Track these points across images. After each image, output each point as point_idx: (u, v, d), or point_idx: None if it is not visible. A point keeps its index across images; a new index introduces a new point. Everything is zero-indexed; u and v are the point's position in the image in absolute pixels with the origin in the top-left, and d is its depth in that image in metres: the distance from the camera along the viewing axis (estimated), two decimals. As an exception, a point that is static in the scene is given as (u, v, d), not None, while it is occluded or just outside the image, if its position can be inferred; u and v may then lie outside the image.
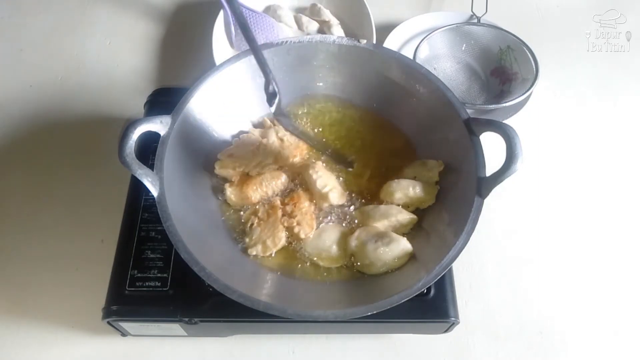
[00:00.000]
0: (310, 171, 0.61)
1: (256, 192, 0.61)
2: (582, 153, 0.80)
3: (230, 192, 0.61)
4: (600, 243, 0.72)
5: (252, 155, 0.62)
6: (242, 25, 0.53)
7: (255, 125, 0.67)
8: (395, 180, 0.61)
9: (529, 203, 0.75)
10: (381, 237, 0.56)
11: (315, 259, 0.58)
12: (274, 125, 0.66)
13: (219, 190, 0.62)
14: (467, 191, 0.54)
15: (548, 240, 0.72)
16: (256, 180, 0.61)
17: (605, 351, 0.65)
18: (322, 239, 0.58)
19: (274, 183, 0.62)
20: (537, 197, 0.76)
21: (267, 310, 0.48)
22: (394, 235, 0.57)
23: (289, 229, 0.59)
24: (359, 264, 0.57)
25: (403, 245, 0.56)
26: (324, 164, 0.63)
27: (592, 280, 0.70)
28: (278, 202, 0.60)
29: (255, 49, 0.53)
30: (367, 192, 0.63)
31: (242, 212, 0.61)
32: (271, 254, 0.58)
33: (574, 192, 0.76)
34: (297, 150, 0.64)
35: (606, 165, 0.79)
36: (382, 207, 0.60)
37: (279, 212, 0.59)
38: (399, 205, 0.60)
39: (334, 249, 0.58)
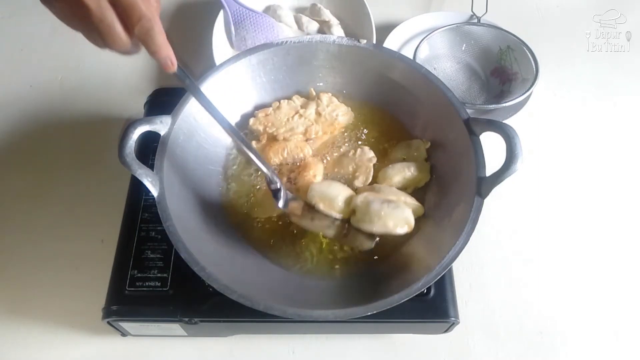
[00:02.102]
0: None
1: (277, 156, 0.63)
2: (582, 153, 0.80)
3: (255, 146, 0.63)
4: (600, 243, 0.72)
5: (287, 120, 0.64)
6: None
7: (302, 96, 0.68)
8: (390, 165, 0.62)
9: (529, 203, 0.75)
10: (389, 202, 0.57)
11: (316, 202, 0.58)
12: (318, 99, 0.67)
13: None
14: (467, 191, 0.54)
15: (548, 240, 0.72)
16: (281, 146, 0.63)
17: (605, 351, 0.65)
18: (332, 188, 0.59)
19: (296, 153, 0.63)
20: (537, 197, 0.76)
21: (267, 310, 0.48)
22: (402, 204, 0.57)
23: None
24: (356, 217, 0.57)
25: (407, 214, 0.56)
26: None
27: (592, 280, 0.70)
28: (285, 180, 0.62)
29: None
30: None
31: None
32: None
33: (574, 192, 0.76)
34: (329, 129, 0.65)
35: (606, 165, 0.79)
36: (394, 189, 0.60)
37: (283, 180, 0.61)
38: (398, 188, 0.61)
39: (339, 199, 0.58)
